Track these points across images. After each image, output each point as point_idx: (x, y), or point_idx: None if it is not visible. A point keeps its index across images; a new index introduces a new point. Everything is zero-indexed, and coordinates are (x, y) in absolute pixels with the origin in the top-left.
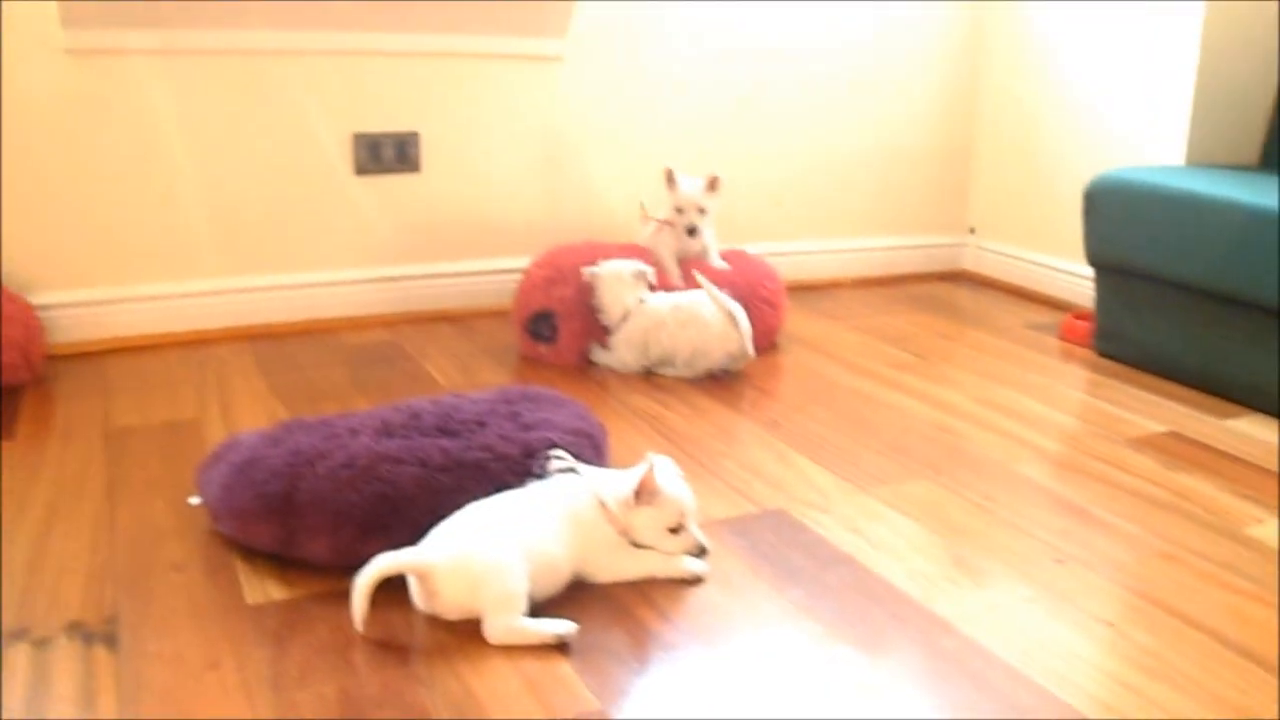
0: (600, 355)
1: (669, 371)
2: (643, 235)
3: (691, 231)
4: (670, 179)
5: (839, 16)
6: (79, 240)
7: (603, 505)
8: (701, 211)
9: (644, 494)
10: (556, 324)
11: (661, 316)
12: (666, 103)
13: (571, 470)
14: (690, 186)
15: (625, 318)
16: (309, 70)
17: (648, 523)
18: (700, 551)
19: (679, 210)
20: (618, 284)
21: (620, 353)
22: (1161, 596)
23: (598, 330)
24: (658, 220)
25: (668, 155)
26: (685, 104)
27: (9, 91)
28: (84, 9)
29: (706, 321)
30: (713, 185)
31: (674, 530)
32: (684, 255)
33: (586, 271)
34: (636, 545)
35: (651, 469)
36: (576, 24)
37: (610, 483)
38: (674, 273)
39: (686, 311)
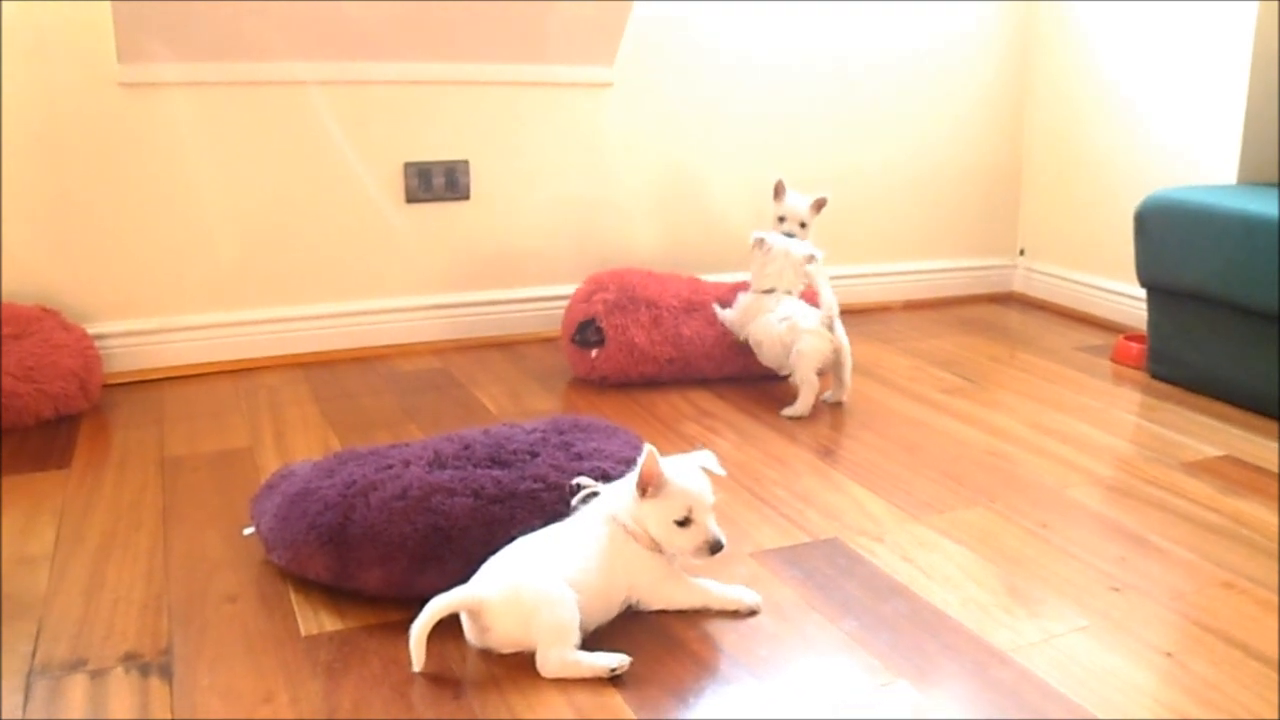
0: (724, 310)
1: (767, 362)
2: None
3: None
4: (779, 190)
5: (884, 39)
6: (135, 270)
7: (620, 524)
8: (803, 225)
9: (646, 485)
10: (601, 326)
11: (770, 307)
12: (714, 128)
13: (595, 494)
14: (796, 200)
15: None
16: (360, 100)
17: (654, 515)
18: (713, 548)
19: (781, 219)
20: (783, 260)
21: (732, 313)
22: (1221, 626)
23: (644, 325)
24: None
25: (717, 179)
26: (732, 129)
27: (66, 124)
28: (140, 43)
29: (801, 328)
30: (818, 206)
31: (682, 524)
32: None
33: (755, 235)
34: (660, 551)
35: (651, 457)
36: (624, 51)
37: (621, 485)
38: None
39: (789, 312)
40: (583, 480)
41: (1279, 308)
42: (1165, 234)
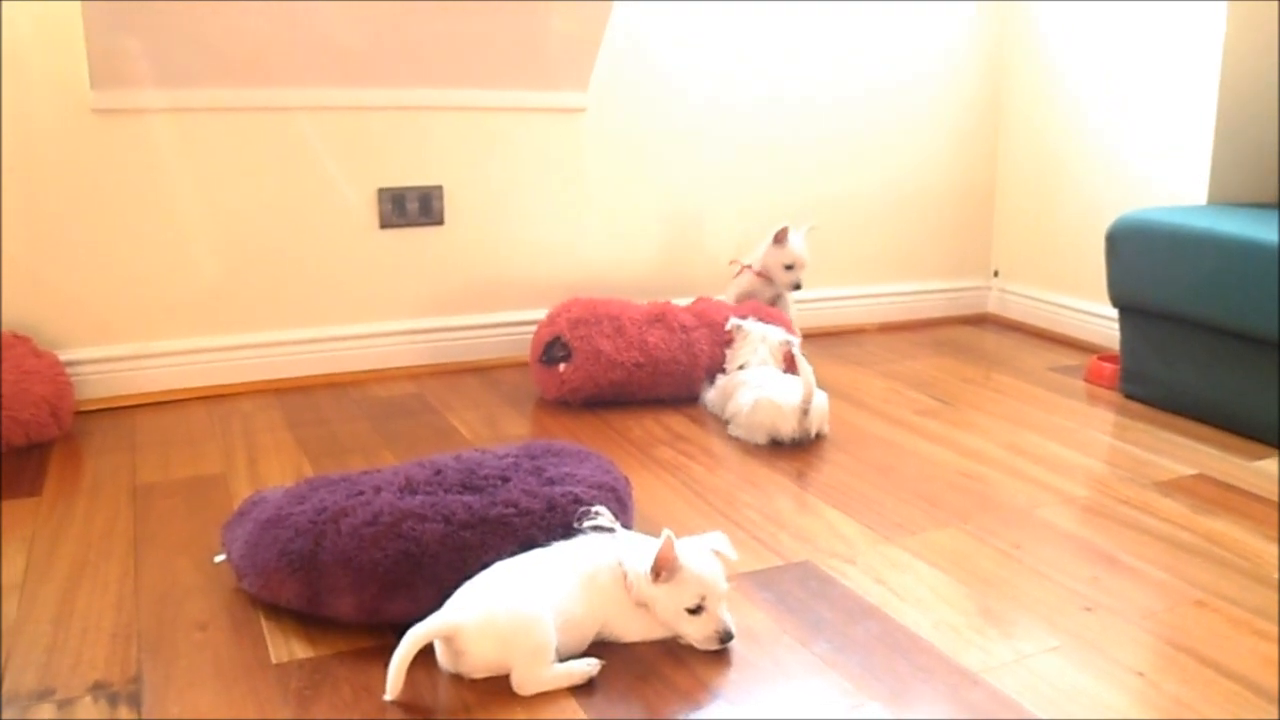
0: (706, 391)
1: (735, 431)
2: (734, 284)
3: (798, 287)
4: (782, 237)
5: (859, 63)
6: (108, 296)
7: (624, 574)
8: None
9: (660, 570)
10: (567, 341)
11: (746, 379)
12: (689, 152)
13: (608, 530)
14: (799, 244)
15: (740, 369)
16: (333, 126)
17: (665, 600)
18: (723, 638)
19: (789, 267)
20: (759, 343)
21: (711, 394)
22: (1193, 645)
23: (608, 334)
24: (748, 267)
25: (691, 204)
26: (708, 153)
27: (39, 151)
28: (113, 69)
29: (777, 404)
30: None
31: (694, 611)
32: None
33: (733, 321)
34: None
35: (669, 543)
36: (597, 77)
37: (638, 551)
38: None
39: (767, 385)
40: (601, 510)
41: (1248, 326)
42: (1137, 254)
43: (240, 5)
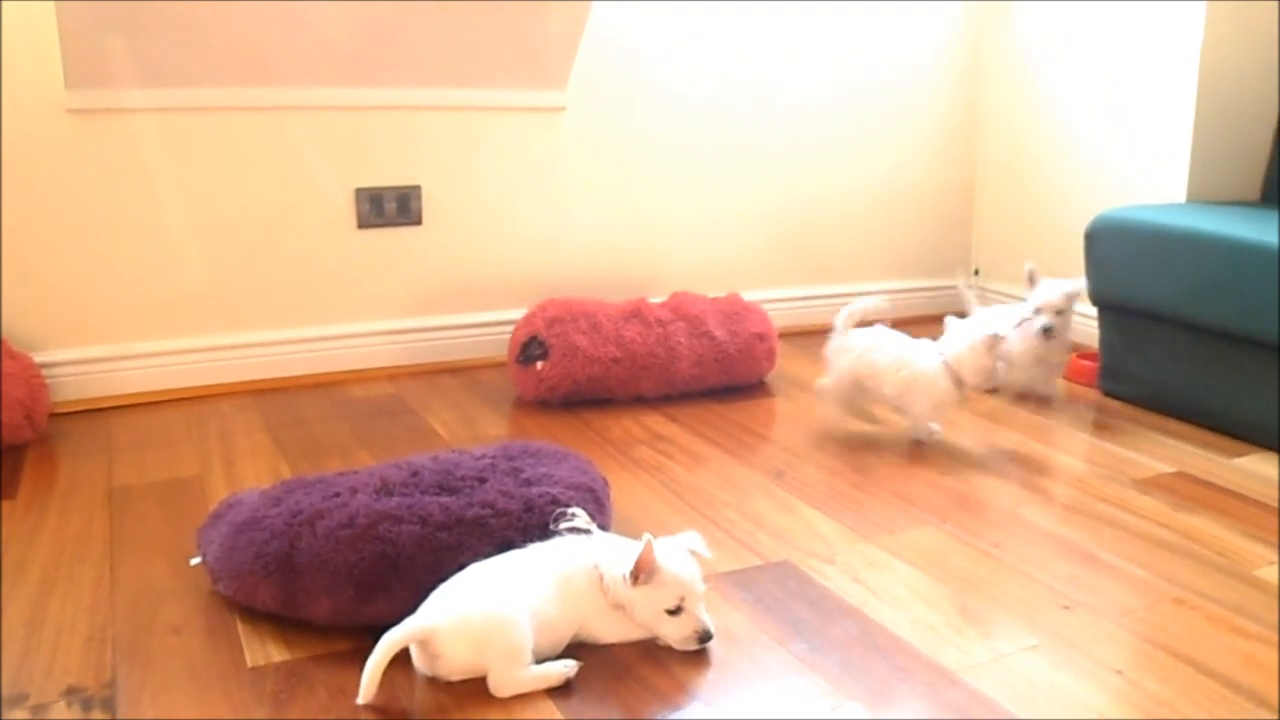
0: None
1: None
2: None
3: (1046, 331)
4: (1032, 278)
5: (837, 64)
6: (83, 298)
7: (600, 576)
8: (1059, 313)
9: (640, 573)
10: (543, 339)
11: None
12: (668, 151)
13: (584, 532)
14: (1052, 291)
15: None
16: (311, 125)
17: (644, 602)
18: (703, 637)
19: (1037, 310)
20: (963, 330)
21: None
22: (1171, 642)
23: (584, 330)
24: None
25: (671, 205)
26: (687, 152)
27: (13, 151)
28: (88, 69)
29: (919, 370)
30: (1072, 297)
31: (673, 612)
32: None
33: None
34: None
35: (649, 547)
36: (577, 76)
37: (615, 554)
38: (1040, 378)
39: (905, 355)
40: (578, 512)
41: (1227, 323)
42: (1115, 253)
43: (215, 4)
